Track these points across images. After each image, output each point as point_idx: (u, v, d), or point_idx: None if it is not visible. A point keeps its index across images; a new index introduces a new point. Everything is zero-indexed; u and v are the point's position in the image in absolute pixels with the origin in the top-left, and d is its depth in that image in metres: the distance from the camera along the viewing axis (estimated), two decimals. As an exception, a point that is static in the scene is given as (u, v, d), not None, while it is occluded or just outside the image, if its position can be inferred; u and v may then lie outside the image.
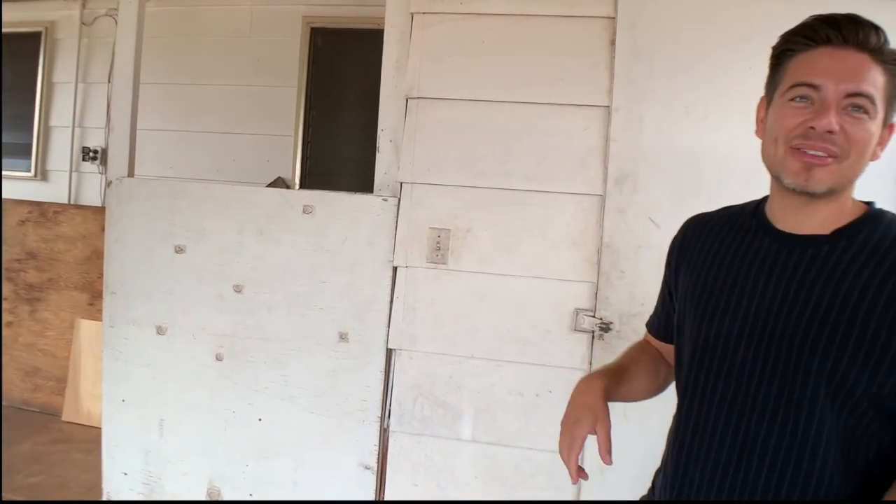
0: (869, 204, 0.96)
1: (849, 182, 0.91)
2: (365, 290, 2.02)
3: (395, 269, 2.01)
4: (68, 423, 3.18)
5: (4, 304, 3.42)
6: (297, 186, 3.34)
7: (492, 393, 1.96)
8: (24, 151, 3.86)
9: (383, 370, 2.02)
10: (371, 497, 2.06)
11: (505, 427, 1.95)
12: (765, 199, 1.04)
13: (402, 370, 2.01)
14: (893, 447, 0.90)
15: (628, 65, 1.87)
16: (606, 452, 0.98)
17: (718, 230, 1.07)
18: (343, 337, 2.04)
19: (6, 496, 2.45)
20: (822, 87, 0.87)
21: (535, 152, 1.92)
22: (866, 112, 0.87)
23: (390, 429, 2.02)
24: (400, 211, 2.00)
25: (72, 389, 3.21)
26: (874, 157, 0.91)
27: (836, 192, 0.90)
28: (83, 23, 3.73)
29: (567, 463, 1.04)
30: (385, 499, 2.04)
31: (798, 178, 0.89)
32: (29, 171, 3.84)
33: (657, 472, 1.14)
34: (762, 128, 0.99)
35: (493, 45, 1.96)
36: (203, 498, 2.18)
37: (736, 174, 1.80)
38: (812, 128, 0.87)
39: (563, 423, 1.07)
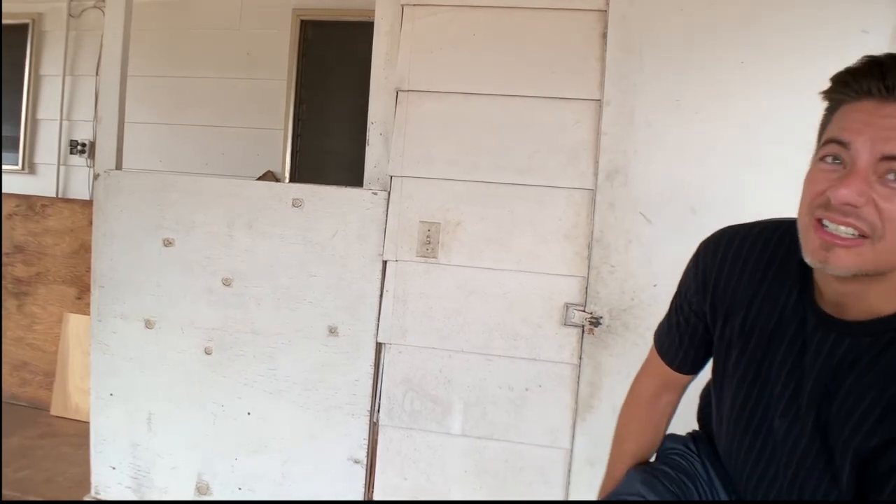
0: None
1: (885, 265, 0.74)
2: (355, 284, 2.01)
3: (384, 262, 2.00)
4: (56, 417, 3.15)
5: (-9, 298, 3.40)
6: (287, 180, 3.32)
7: (482, 387, 1.96)
8: (11, 144, 3.82)
9: (373, 364, 2.01)
10: (360, 491, 2.05)
11: (495, 421, 1.95)
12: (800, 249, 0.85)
13: (392, 364, 2.00)
14: None
15: (619, 58, 1.86)
16: None
17: (764, 280, 0.92)
18: (332, 331, 2.03)
19: (8, 496, 2.43)
20: (852, 145, 0.73)
21: (526, 146, 1.91)
22: None
23: (380, 423, 2.02)
24: (390, 204, 1.99)
25: (60, 384, 3.18)
26: None
27: (868, 275, 0.75)
28: (71, 15, 3.69)
29: None
30: (374, 492, 2.04)
31: (815, 256, 0.76)
32: (16, 164, 3.80)
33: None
34: None
35: (484, 38, 1.95)
36: (192, 491, 2.17)
37: (727, 169, 1.81)
38: (830, 197, 0.73)
39: None
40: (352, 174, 2.78)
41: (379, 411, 2.02)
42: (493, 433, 1.95)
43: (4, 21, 3.79)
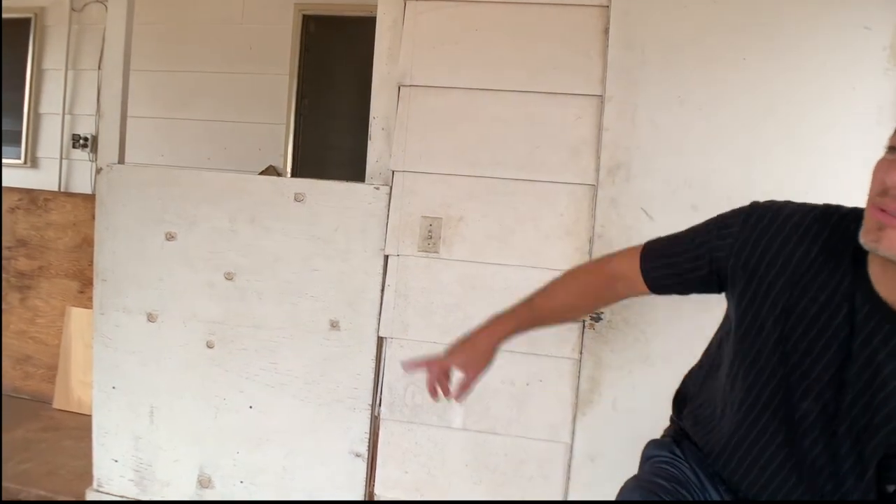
0: None
1: None
2: (356, 279, 2.02)
3: (386, 257, 2.00)
4: (59, 410, 3.16)
5: (-6, 292, 3.41)
6: (289, 174, 3.33)
7: (483, 382, 1.93)
8: (13, 138, 3.83)
9: (374, 358, 2.02)
10: (361, 484, 2.06)
11: (496, 415, 1.96)
12: (858, 221, 0.85)
13: (394, 358, 2.01)
14: None
15: (622, 54, 1.86)
16: (459, 392, 1.13)
17: (812, 259, 0.90)
18: (334, 325, 2.03)
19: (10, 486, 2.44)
20: None
21: (528, 141, 1.92)
22: None
23: (381, 416, 2.03)
24: (392, 199, 1.99)
25: (62, 377, 3.20)
26: None
27: None
28: (73, 9, 3.70)
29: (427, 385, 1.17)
30: (375, 486, 2.04)
31: (868, 237, 0.79)
32: (19, 158, 3.81)
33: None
34: None
35: (487, 33, 1.95)
36: (194, 484, 2.18)
37: (729, 165, 1.81)
38: (888, 184, 0.77)
39: (447, 350, 1.16)
40: (353, 169, 2.79)
41: (380, 405, 2.03)
42: (494, 427, 1.96)
43: (6, 15, 3.79)
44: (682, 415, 1.16)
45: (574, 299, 1.18)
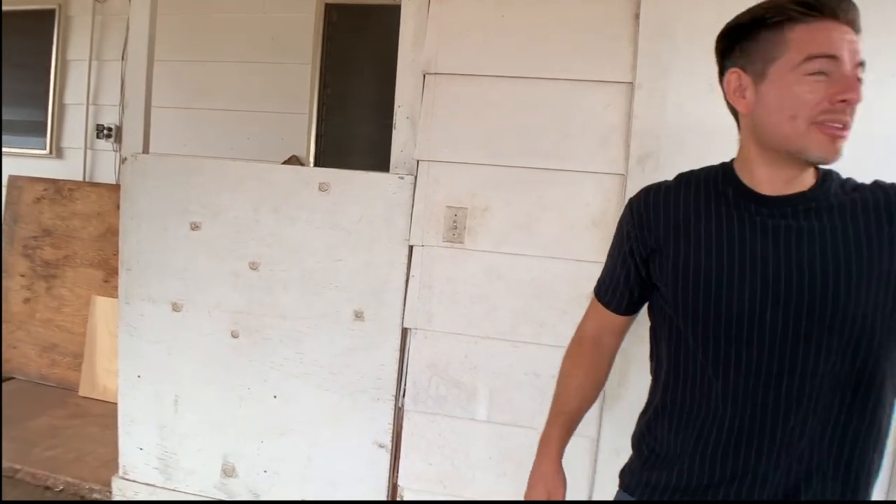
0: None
1: None
2: (381, 269, 2.01)
3: (411, 247, 1.99)
4: (85, 398, 3.21)
5: (22, 281, 3.45)
6: (312, 164, 3.32)
7: (507, 373, 1.95)
8: (38, 129, 3.86)
9: (398, 349, 2.01)
10: (385, 475, 2.06)
11: (520, 408, 1.94)
12: (727, 167, 1.05)
13: (418, 349, 2.00)
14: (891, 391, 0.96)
15: (652, 40, 1.82)
16: None
17: (695, 202, 1.04)
18: (358, 315, 2.02)
19: (25, 467, 2.48)
20: (841, 57, 0.88)
21: (556, 130, 1.88)
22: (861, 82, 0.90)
23: (405, 408, 2.02)
24: (416, 189, 1.97)
25: (88, 365, 3.23)
26: None
27: None
28: (97, 0, 3.71)
29: None
30: (398, 477, 2.04)
31: (826, 151, 0.91)
32: (44, 148, 3.85)
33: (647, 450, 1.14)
34: (746, 103, 0.98)
35: (514, 20, 1.92)
36: (218, 473, 2.19)
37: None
38: (844, 101, 0.88)
39: (526, 493, 1.23)
40: (376, 158, 2.77)
41: (404, 396, 2.02)
42: (519, 420, 1.94)
43: (32, 6, 3.83)
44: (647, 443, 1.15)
45: (583, 380, 1.25)
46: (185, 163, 2.19)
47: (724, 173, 1.05)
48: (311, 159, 3.34)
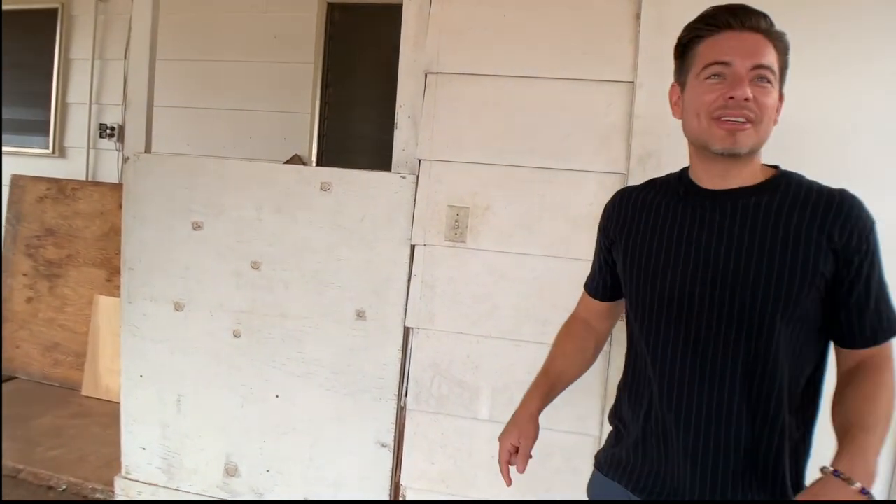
0: (777, 167, 1.12)
1: (763, 143, 1.06)
2: (383, 268, 2.01)
3: (413, 247, 1.99)
4: (87, 397, 3.22)
5: (24, 280, 3.46)
6: (314, 163, 3.32)
7: (510, 373, 1.95)
8: (41, 128, 3.87)
9: (400, 348, 2.01)
10: (387, 475, 2.06)
11: (522, 407, 1.94)
12: (686, 169, 1.18)
13: (420, 348, 2.00)
14: (817, 371, 1.09)
15: (653, 40, 1.81)
16: (520, 462, 1.29)
17: (651, 200, 1.19)
18: (360, 315, 2.03)
19: (28, 467, 2.48)
20: (733, 62, 1.02)
21: (557, 129, 1.88)
22: (769, 82, 1.03)
23: (407, 407, 2.02)
24: (418, 188, 1.97)
25: (91, 364, 3.24)
26: (776, 122, 1.07)
27: (754, 152, 1.06)
28: (99, -1, 3.72)
29: (500, 468, 1.32)
30: (401, 476, 2.04)
31: (725, 142, 1.03)
32: (47, 147, 3.85)
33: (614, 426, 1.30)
34: (678, 110, 1.14)
35: (515, 20, 1.91)
36: (221, 472, 2.19)
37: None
38: (731, 98, 1.01)
39: (500, 435, 1.34)
40: (378, 157, 2.77)
41: (406, 395, 2.02)
42: (521, 419, 1.94)
43: (34, 6, 3.83)
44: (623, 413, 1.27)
45: (569, 347, 1.38)
46: (188, 162, 2.19)
47: (681, 174, 1.19)
48: (314, 158, 3.34)
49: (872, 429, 0.95)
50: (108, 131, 3.70)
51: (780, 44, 1.05)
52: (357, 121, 3.36)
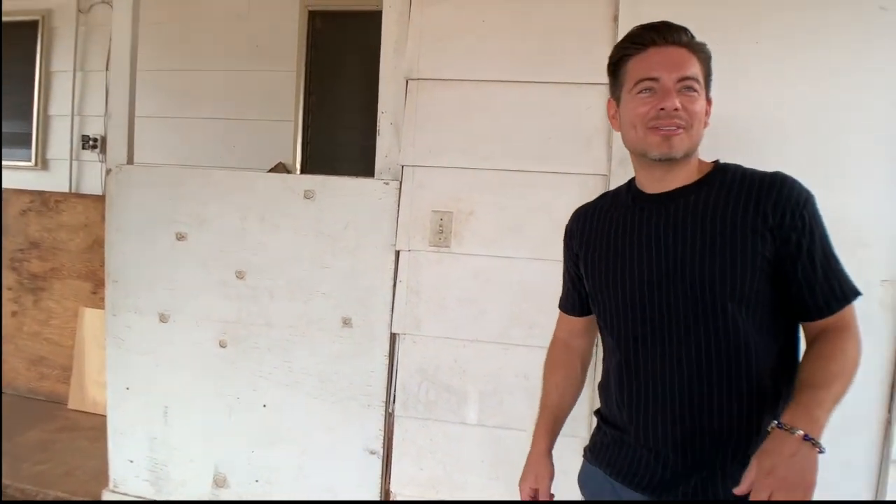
0: (716, 161, 1.20)
1: (696, 145, 1.14)
2: (368, 275, 2.00)
3: (397, 253, 1.99)
4: (74, 410, 3.19)
5: (9, 294, 3.42)
6: (298, 171, 3.31)
7: (498, 377, 1.95)
8: (23, 141, 3.84)
9: (387, 355, 2.01)
10: (377, 482, 2.05)
11: (511, 411, 1.94)
12: (632, 179, 1.26)
13: (407, 354, 2.00)
14: (788, 343, 1.13)
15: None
16: (544, 500, 1.34)
17: (605, 212, 1.28)
18: (346, 322, 2.02)
19: (14, 483, 2.45)
20: (660, 77, 1.10)
21: (539, 132, 1.89)
22: (695, 91, 1.11)
23: (395, 413, 2.02)
24: (402, 194, 1.97)
25: (77, 378, 3.21)
26: (705, 125, 1.15)
27: (689, 155, 1.14)
28: (80, 10, 3.71)
29: None
30: (390, 483, 2.03)
31: (661, 148, 1.11)
32: (29, 160, 3.82)
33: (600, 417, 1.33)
34: (616, 122, 1.22)
35: (494, 24, 1.92)
36: (209, 484, 2.18)
37: (740, 150, 1.75)
38: (662, 109, 1.09)
39: (519, 482, 1.39)
40: (363, 164, 2.77)
41: (394, 402, 2.02)
42: (510, 423, 1.94)
43: (14, 18, 3.80)
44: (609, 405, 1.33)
45: (559, 378, 1.41)
46: (171, 173, 2.19)
47: (629, 184, 1.27)
48: (298, 166, 3.33)
49: (821, 385, 1.00)
50: (90, 143, 3.68)
51: (702, 54, 1.14)
52: (340, 128, 3.36)
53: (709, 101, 1.17)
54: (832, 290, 1.08)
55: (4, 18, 3.79)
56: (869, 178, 1.73)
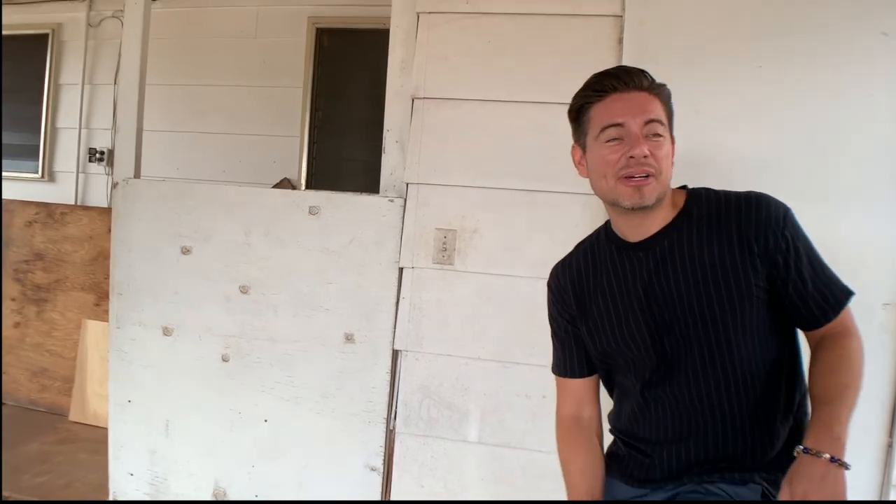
0: (684, 187, 1.22)
1: (667, 189, 1.14)
2: (371, 291, 2.01)
3: (401, 270, 2.00)
4: (75, 423, 3.18)
5: (12, 305, 3.44)
6: (304, 187, 3.34)
7: (499, 394, 1.95)
8: (31, 153, 3.88)
9: (389, 371, 2.01)
10: (377, 499, 2.05)
11: (512, 429, 1.94)
12: (607, 225, 1.28)
13: (409, 371, 2.00)
14: (790, 350, 1.16)
15: (636, 64, 1.83)
16: None
17: (590, 267, 1.27)
18: (349, 338, 2.03)
19: (12, 496, 2.45)
20: (625, 123, 1.10)
21: (543, 152, 1.91)
22: (661, 135, 1.11)
23: (396, 430, 2.02)
24: (406, 211, 1.99)
25: (78, 390, 3.21)
26: (672, 164, 1.15)
27: (661, 200, 1.13)
28: (89, 24, 3.75)
29: None
30: (391, 500, 2.03)
31: (633, 198, 1.11)
32: (36, 172, 3.86)
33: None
34: (583, 169, 1.23)
35: (500, 45, 1.95)
36: (209, 498, 2.17)
37: (746, 172, 1.78)
38: (632, 157, 1.09)
39: None
40: (367, 180, 2.79)
41: (395, 419, 2.02)
42: (511, 441, 1.94)
43: (25, 31, 3.86)
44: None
45: (581, 463, 1.32)
46: (177, 187, 2.21)
47: (606, 232, 1.27)
48: (303, 182, 3.36)
49: (835, 399, 1.02)
50: (97, 156, 3.71)
51: (663, 95, 1.15)
52: (346, 144, 3.39)
53: (673, 139, 1.17)
54: (825, 299, 1.10)
55: (16, 32, 3.86)
56: (870, 200, 1.74)
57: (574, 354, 1.33)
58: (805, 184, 1.75)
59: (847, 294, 1.11)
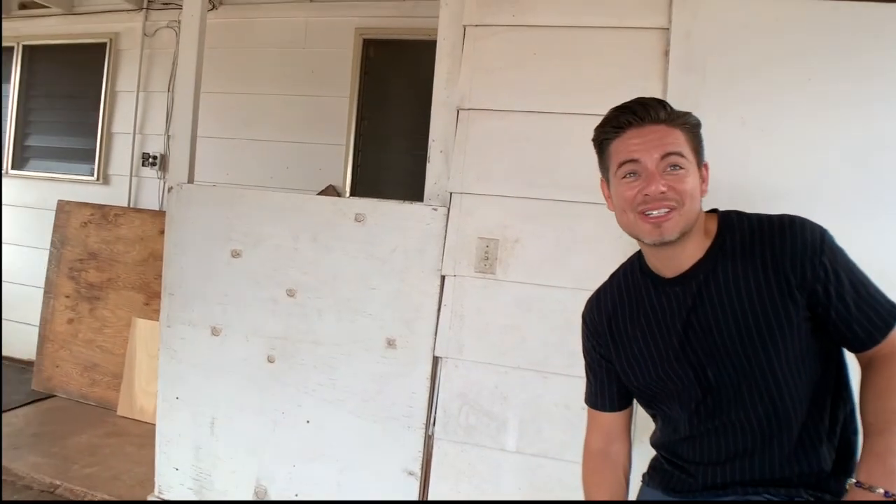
0: (715, 211, 1.19)
1: (693, 221, 1.11)
2: (413, 298, 2.05)
3: (443, 277, 2.03)
4: (122, 417, 3.29)
5: (66, 302, 3.58)
6: (348, 194, 3.40)
7: (538, 404, 1.96)
8: (87, 156, 4.02)
9: (429, 377, 2.04)
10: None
11: (550, 439, 1.94)
12: (639, 255, 1.26)
13: (448, 378, 2.02)
14: (837, 370, 1.14)
15: (682, 76, 1.85)
16: None
17: (625, 302, 1.26)
18: (391, 343, 2.06)
19: (65, 483, 2.55)
20: (640, 159, 1.09)
21: (586, 164, 1.88)
22: (681, 167, 1.08)
23: (435, 436, 2.04)
24: (449, 220, 2.02)
25: (126, 385, 3.32)
26: (703, 193, 1.13)
27: (686, 233, 1.10)
28: (145, 34, 3.88)
29: None
30: (428, 505, 2.05)
31: (653, 235, 1.10)
32: (92, 175, 4.00)
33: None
34: (611, 202, 1.21)
35: (545, 57, 1.97)
36: (251, 495, 2.23)
37: (795, 185, 1.77)
38: (647, 194, 1.08)
39: None
40: (410, 189, 2.83)
41: (434, 424, 2.04)
42: (549, 451, 1.94)
43: (84, 41, 4.02)
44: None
45: (609, 487, 1.33)
46: (228, 193, 2.28)
47: (640, 266, 1.26)
48: (348, 189, 3.41)
49: (887, 430, 1.00)
50: (150, 160, 3.83)
51: (686, 124, 1.11)
52: (390, 153, 3.45)
53: (705, 165, 1.15)
54: (871, 321, 1.06)
55: (76, 41, 4.03)
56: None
57: (606, 388, 1.33)
58: (854, 199, 1.72)
59: (894, 315, 1.07)
